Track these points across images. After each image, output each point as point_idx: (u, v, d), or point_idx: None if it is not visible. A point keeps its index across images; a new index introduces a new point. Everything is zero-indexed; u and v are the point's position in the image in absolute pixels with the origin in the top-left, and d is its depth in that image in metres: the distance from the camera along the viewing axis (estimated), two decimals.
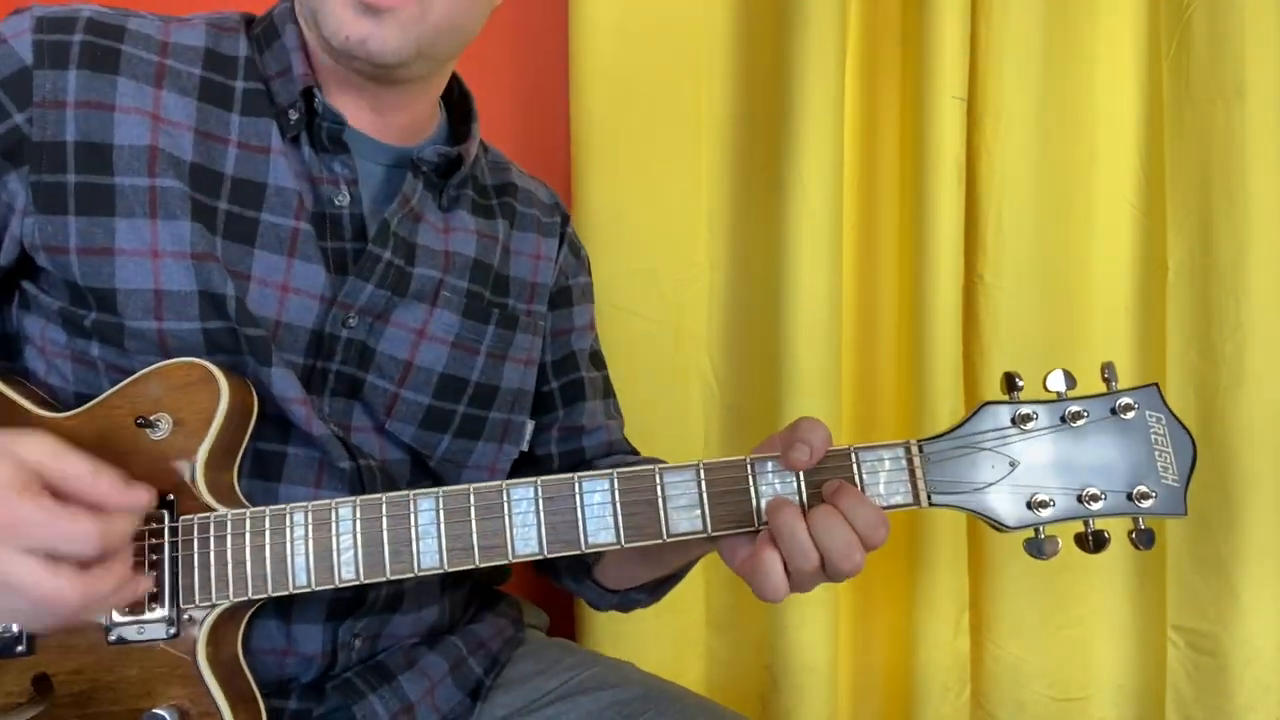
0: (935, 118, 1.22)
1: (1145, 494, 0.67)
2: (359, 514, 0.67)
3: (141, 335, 0.69)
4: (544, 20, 1.29)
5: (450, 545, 0.66)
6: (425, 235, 0.81)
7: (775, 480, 0.68)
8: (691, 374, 1.32)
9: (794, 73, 1.22)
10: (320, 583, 0.66)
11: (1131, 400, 0.67)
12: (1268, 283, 1.21)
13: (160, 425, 0.67)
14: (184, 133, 0.72)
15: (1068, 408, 0.67)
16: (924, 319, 1.24)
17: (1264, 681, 1.22)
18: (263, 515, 0.66)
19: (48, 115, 0.69)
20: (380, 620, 0.77)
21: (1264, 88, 1.20)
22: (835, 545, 0.64)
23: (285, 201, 0.74)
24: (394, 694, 0.76)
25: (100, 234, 0.69)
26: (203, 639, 0.65)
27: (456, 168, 0.83)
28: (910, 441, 0.68)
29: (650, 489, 0.68)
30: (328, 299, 0.74)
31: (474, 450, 0.83)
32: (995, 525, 0.68)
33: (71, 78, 0.69)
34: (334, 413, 0.76)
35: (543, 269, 0.91)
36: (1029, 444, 0.67)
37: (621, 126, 1.26)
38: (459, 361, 0.81)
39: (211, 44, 0.76)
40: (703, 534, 0.67)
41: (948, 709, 1.28)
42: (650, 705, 0.82)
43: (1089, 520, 0.68)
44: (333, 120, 0.75)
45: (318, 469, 0.73)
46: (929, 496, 0.68)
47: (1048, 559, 0.67)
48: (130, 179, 0.70)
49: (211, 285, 0.70)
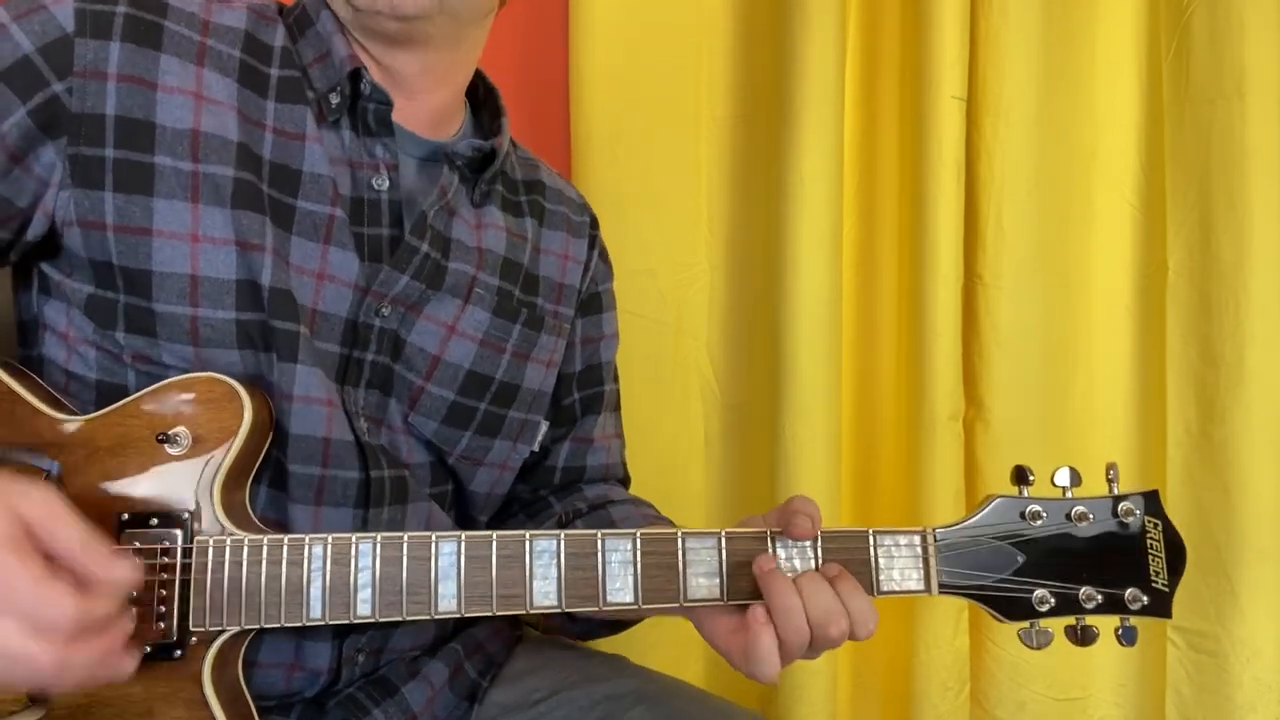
0: (935, 118, 1.22)
1: (1135, 597, 0.71)
2: (379, 551, 0.65)
3: (173, 321, 0.68)
4: (544, 20, 1.29)
5: (469, 592, 0.66)
6: (459, 230, 0.80)
7: (795, 554, 0.69)
8: (691, 374, 1.32)
9: (794, 73, 1.22)
10: (335, 617, 0.65)
11: (1132, 505, 0.72)
12: (1268, 283, 1.21)
13: (180, 441, 0.65)
14: (228, 112, 0.71)
15: (1074, 508, 0.71)
16: (924, 319, 1.24)
17: (1264, 681, 1.22)
18: (280, 543, 0.65)
19: (88, 86, 0.67)
20: (384, 635, 0.77)
21: (1264, 88, 1.20)
22: (820, 612, 0.65)
23: (321, 189, 0.73)
24: (397, 707, 0.76)
25: (138, 213, 0.67)
26: (209, 662, 0.64)
27: (489, 163, 0.82)
28: (926, 530, 0.70)
29: (672, 553, 0.68)
30: (361, 287, 0.73)
31: (492, 448, 0.83)
32: (996, 616, 0.71)
33: (115, 49, 0.68)
34: (368, 407, 0.75)
35: (571, 270, 0.91)
36: (1035, 541, 0.71)
37: (621, 126, 1.26)
38: (485, 359, 0.81)
39: (251, 28, 0.75)
40: (719, 601, 0.68)
41: (947, 708, 1.28)
42: (643, 699, 0.82)
43: (1080, 616, 0.72)
44: (380, 100, 0.75)
45: (320, 483, 0.72)
46: (939, 585, 0.70)
47: (1037, 650, 0.71)
48: (172, 161, 0.68)
49: (252, 273, 0.69)
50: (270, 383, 0.70)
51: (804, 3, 1.21)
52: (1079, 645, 0.71)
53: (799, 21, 1.21)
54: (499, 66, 0.86)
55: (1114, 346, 1.31)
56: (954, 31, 1.22)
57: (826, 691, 1.24)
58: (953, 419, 1.24)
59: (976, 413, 1.29)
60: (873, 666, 1.35)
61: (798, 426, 1.22)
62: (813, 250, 1.22)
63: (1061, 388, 1.30)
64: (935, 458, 1.23)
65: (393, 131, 0.76)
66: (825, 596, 0.65)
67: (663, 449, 1.28)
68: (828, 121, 1.22)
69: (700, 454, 1.33)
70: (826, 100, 1.21)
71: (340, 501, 0.72)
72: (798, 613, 0.64)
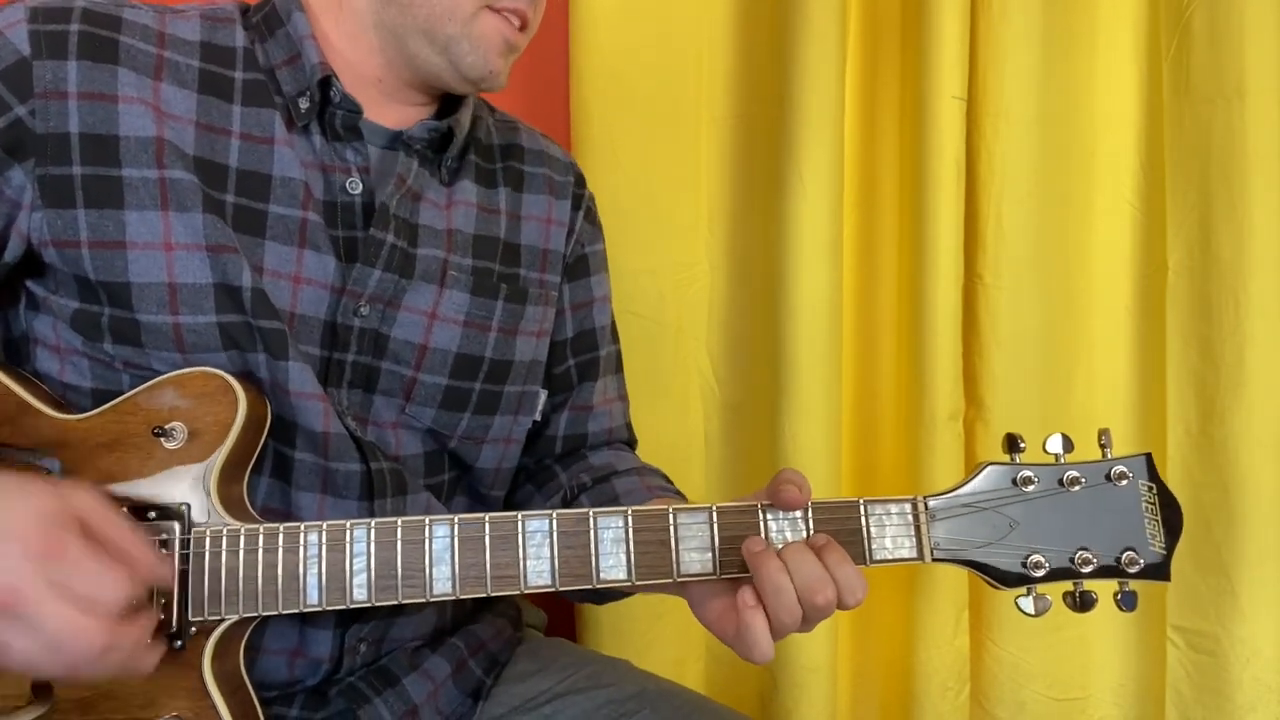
0: (935, 118, 1.22)
1: (1133, 560, 0.70)
2: (373, 536, 0.66)
3: (157, 330, 0.68)
4: (544, 20, 1.28)
5: (464, 573, 0.67)
6: (427, 214, 0.80)
7: (785, 526, 0.69)
8: (691, 374, 1.32)
9: (794, 73, 1.22)
10: (331, 603, 0.66)
11: (1125, 469, 0.72)
12: (1268, 283, 1.20)
13: (175, 435, 0.66)
14: (186, 127, 0.71)
15: (1065, 473, 0.71)
16: (924, 319, 1.24)
17: (1264, 681, 1.22)
18: (276, 532, 0.66)
19: (50, 106, 0.68)
20: (385, 624, 0.77)
21: (1264, 88, 1.20)
22: (806, 582, 0.64)
23: (292, 192, 0.73)
24: (398, 697, 0.76)
25: (111, 227, 0.68)
26: (209, 652, 0.65)
27: (449, 140, 0.82)
28: (917, 498, 0.70)
29: (664, 529, 0.68)
30: (338, 288, 0.74)
31: (492, 425, 0.83)
32: (992, 583, 0.71)
33: (72, 68, 0.68)
34: (352, 406, 0.75)
35: (555, 234, 0.90)
36: (1027, 506, 0.71)
37: (621, 126, 1.26)
38: (472, 340, 0.81)
39: (206, 36, 0.76)
40: (712, 576, 0.68)
41: (947, 708, 1.28)
42: (646, 703, 0.82)
43: (1078, 581, 0.71)
44: (349, 109, 0.75)
45: (325, 474, 0.73)
46: (932, 552, 0.70)
47: (1037, 617, 0.71)
48: (138, 170, 0.69)
49: (228, 277, 0.69)
50: (263, 379, 0.70)
51: (804, 3, 1.21)
52: (1078, 611, 0.71)
53: (799, 21, 1.21)
54: None
55: (1114, 346, 1.31)
56: (954, 31, 1.22)
57: (826, 691, 1.23)
58: (953, 419, 1.24)
59: (976, 412, 1.29)
60: (873, 666, 1.35)
61: (798, 426, 1.22)
62: (813, 250, 1.22)
63: (1061, 387, 1.30)
64: (935, 457, 1.23)
65: (361, 136, 0.77)
66: (811, 567, 0.65)
67: (663, 449, 1.28)
68: (828, 121, 1.22)
69: (700, 454, 1.33)
70: (826, 100, 1.21)
71: (344, 493, 0.73)
72: (788, 593, 0.64)
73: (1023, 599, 0.71)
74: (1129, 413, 1.31)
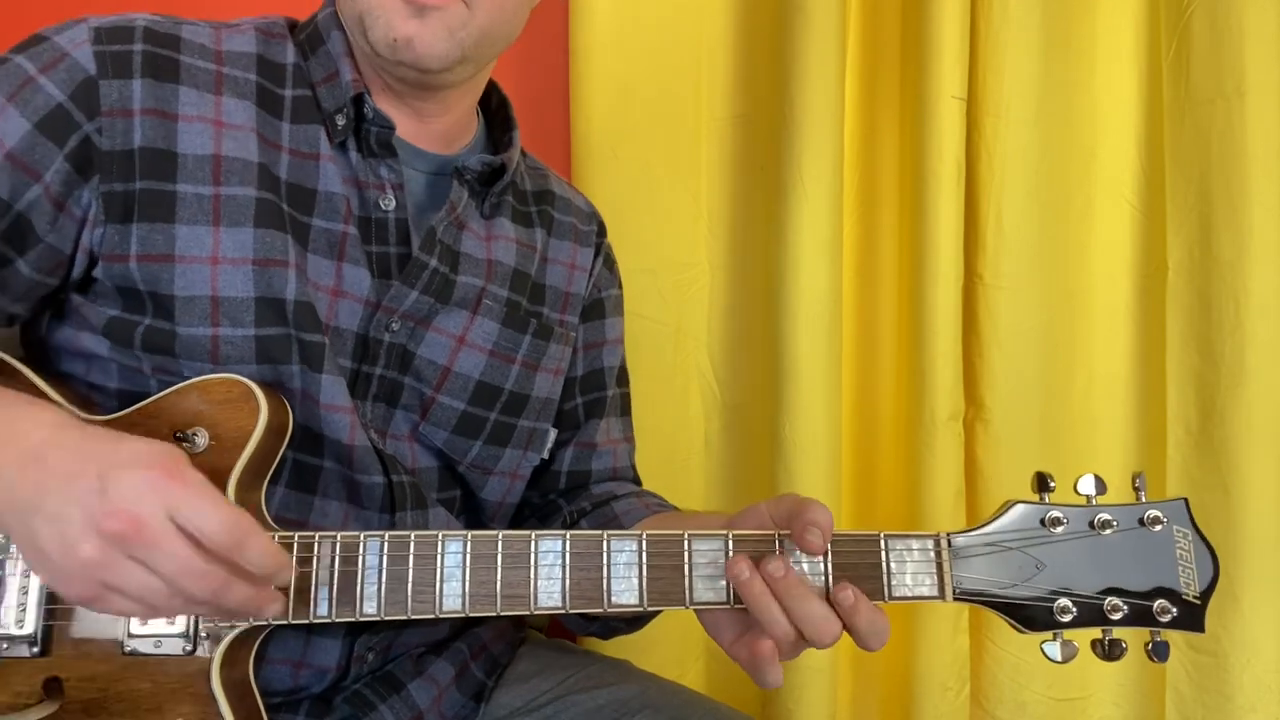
0: (935, 118, 1.22)
1: (1165, 609, 0.67)
2: (386, 550, 0.66)
3: (193, 341, 0.69)
4: (544, 21, 1.29)
5: (474, 591, 0.66)
6: (469, 243, 0.81)
7: (803, 557, 0.67)
8: (691, 374, 1.32)
9: (794, 73, 1.22)
10: (341, 615, 0.65)
11: (1160, 514, 0.68)
12: (1268, 283, 1.20)
13: (197, 440, 0.67)
14: (249, 134, 0.73)
15: (1097, 515, 0.68)
16: (924, 319, 1.24)
17: (1264, 681, 1.22)
18: (290, 542, 0.66)
19: (116, 123, 0.68)
20: (394, 633, 0.78)
21: (1264, 88, 1.20)
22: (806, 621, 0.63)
23: (334, 206, 0.74)
24: (404, 703, 0.76)
25: (160, 240, 0.69)
26: (218, 659, 0.65)
27: (499, 176, 0.83)
28: (940, 535, 0.68)
29: (678, 554, 0.67)
30: (372, 303, 0.75)
31: (501, 457, 0.84)
32: (1017, 626, 0.68)
33: (136, 86, 0.69)
34: (375, 419, 0.76)
35: (577, 279, 0.92)
36: (1056, 548, 0.68)
37: (621, 127, 1.26)
38: (495, 370, 0.82)
39: (261, 49, 0.77)
40: (724, 605, 0.67)
41: (947, 708, 1.28)
42: (647, 704, 0.82)
43: (1107, 629, 0.68)
44: (382, 125, 0.76)
45: (349, 486, 0.73)
46: (954, 591, 0.67)
47: (1063, 663, 0.67)
48: (193, 187, 0.70)
49: (272, 290, 0.70)
50: (293, 391, 0.71)
51: (804, 3, 1.21)
52: (1106, 660, 0.68)
53: (799, 22, 1.21)
54: (500, 67, 0.87)
55: (1114, 346, 1.31)
56: (954, 31, 1.22)
57: (826, 691, 1.23)
58: (953, 419, 1.24)
59: (976, 413, 1.29)
60: (873, 666, 1.35)
61: (798, 426, 1.22)
62: (813, 250, 1.22)
63: (1061, 387, 1.30)
64: (935, 457, 1.23)
65: (395, 153, 0.77)
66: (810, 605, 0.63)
67: (663, 449, 1.28)
68: (828, 121, 1.22)
69: (700, 454, 1.33)
70: (827, 100, 1.21)
71: (367, 505, 0.74)
72: (781, 625, 0.63)
73: (1048, 644, 0.68)
74: (1129, 412, 1.31)
